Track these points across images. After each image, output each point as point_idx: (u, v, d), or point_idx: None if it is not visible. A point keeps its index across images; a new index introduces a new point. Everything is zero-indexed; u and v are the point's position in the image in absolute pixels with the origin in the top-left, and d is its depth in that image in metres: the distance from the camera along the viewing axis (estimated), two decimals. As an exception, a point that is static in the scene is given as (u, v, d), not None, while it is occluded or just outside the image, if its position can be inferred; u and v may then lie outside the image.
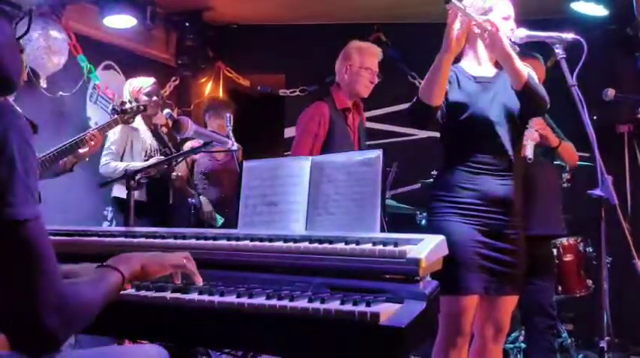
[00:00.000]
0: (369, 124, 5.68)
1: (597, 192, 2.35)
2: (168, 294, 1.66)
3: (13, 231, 1.22)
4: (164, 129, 4.39)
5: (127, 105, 3.73)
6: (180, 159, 3.74)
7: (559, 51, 2.48)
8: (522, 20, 2.71)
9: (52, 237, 2.10)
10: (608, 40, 4.36)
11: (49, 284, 1.24)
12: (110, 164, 4.05)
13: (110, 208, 4.62)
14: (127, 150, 4.12)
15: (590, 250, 3.88)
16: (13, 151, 1.22)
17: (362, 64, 3.47)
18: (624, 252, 2.97)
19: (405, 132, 5.56)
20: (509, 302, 2.60)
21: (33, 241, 1.23)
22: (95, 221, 4.64)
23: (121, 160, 4.09)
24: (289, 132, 5.79)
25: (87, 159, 3.63)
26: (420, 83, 5.70)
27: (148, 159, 4.04)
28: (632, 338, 4.56)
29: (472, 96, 2.54)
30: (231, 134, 4.12)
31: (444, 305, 2.36)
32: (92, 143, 3.51)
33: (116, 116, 3.71)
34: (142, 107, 3.81)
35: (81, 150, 3.48)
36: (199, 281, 1.67)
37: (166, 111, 4.32)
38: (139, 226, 2.71)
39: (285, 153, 5.56)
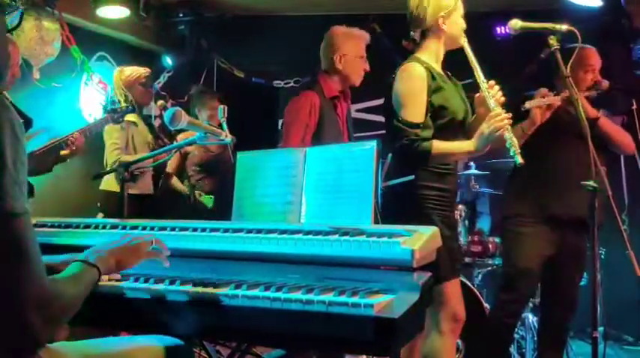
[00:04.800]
0: (363, 115, 5.70)
1: (590, 182, 2.36)
2: (163, 286, 1.66)
3: (2, 226, 1.21)
4: (158, 121, 4.37)
5: (117, 105, 3.68)
6: (175, 151, 3.72)
7: (553, 42, 2.48)
8: (516, 11, 2.72)
9: (46, 229, 2.10)
10: (602, 31, 4.36)
11: (34, 282, 1.23)
12: (122, 159, 3.99)
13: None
14: (130, 143, 4.07)
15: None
16: (3, 146, 1.21)
17: (357, 52, 3.39)
18: (618, 243, 2.99)
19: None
20: None
21: (20, 237, 1.23)
22: (89, 213, 4.63)
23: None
24: (283, 123, 5.78)
25: (68, 160, 3.55)
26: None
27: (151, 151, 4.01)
28: (626, 328, 4.59)
29: (448, 98, 2.59)
30: (224, 125, 4.10)
31: (444, 293, 2.53)
32: (75, 145, 3.43)
33: (106, 115, 3.66)
34: (131, 107, 3.76)
35: (63, 152, 3.41)
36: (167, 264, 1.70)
37: (160, 102, 4.31)
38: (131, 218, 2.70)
39: (280, 145, 5.55)
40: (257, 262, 1.78)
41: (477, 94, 2.63)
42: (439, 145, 2.49)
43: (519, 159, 2.39)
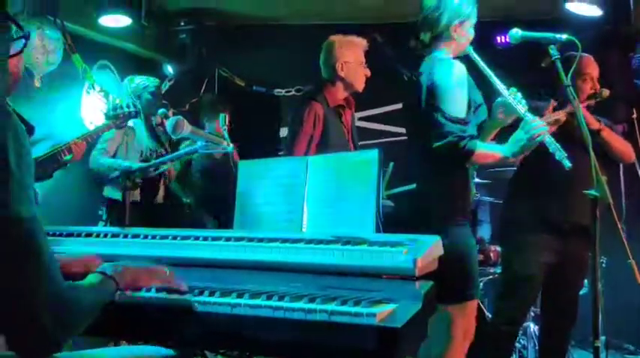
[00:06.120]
0: (364, 124, 5.71)
1: (592, 191, 2.37)
2: (166, 295, 1.66)
3: (9, 230, 1.22)
4: (160, 129, 4.38)
5: (119, 111, 3.68)
6: (176, 159, 3.73)
7: (554, 51, 2.49)
8: (516, 20, 2.72)
9: (49, 237, 2.10)
10: (602, 40, 4.37)
11: (47, 285, 1.24)
12: (98, 158, 4.01)
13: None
14: (122, 149, 4.10)
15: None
16: (8, 151, 1.22)
17: (358, 59, 3.47)
18: (619, 252, 2.99)
19: (399, 132, 5.57)
20: None
21: (29, 240, 1.24)
22: (91, 221, 4.63)
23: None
24: (284, 132, 5.79)
25: (68, 165, 3.53)
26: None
27: (143, 161, 4.02)
28: (627, 337, 4.57)
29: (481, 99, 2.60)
30: (226, 134, 4.11)
31: (465, 310, 2.49)
32: (77, 151, 3.42)
33: (109, 121, 3.66)
34: (133, 113, 3.78)
35: (65, 157, 3.41)
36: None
37: (161, 110, 4.33)
38: (133, 226, 2.70)
39: (280, 153, 5.56)
40: (259, 271, 1.78)
41: (501, 100, 2.58)
42: (481, 146, 2.43)
43: (568, 163, 2.39)
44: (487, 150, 2.45)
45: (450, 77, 2.43)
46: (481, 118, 2.57)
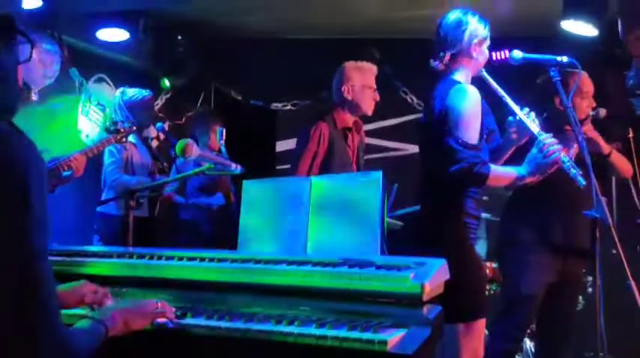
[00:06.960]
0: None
1: (592, 213, 2.39)
2: (173, 318, 1.66)
3: (23, 267, 1.21)
4: (155, 143, 4.37)
5: (120, 126, 3.66)
6: (184, 179, 3.71)
7: (554, 74, 2.52)
8: (513, 38, 2.75)
9: (51, 258, 2.09)
10: (597, 60, 4.42)
11: (50, 325, 1.24)
12: (121, 179, 4.00)
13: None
14: (129, 164, 4.08)
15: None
16: (29, 184, 1.21)
17: (364, 82, 3.57)
18: (613, 270, 3.01)
19: (394, 147, 5.61)
20: None
21: (40, 279, 1.23)
22: (86, 235, 4.60)
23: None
24: (281, 145, 5.80)
25: (70, 182, 3.51)
26: (411, 99, 5.70)
27: (150, 174, 4.02)
28: (622, 355, 4.59)
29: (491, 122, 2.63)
30: (223, 149, 4.13)
31: (475, 330, 2.47)
32: (77, 166, 3.39)
33: (110, 136, 3.65)
34: (134, 127, 3.76)
35: (65, 174, 3.38)
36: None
37: (158, 125, 4.32)
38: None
39: (277, 167, 5.58)
40: (265, 293, 1.78)
41: (514, 119, 2.61)
42: (496, 169, 2.43)
43: (583, 181, 2.40)
44: (501, 172, 2.46)
45: (465, 104, 2.44)
46: (494, 144, 2.60)
